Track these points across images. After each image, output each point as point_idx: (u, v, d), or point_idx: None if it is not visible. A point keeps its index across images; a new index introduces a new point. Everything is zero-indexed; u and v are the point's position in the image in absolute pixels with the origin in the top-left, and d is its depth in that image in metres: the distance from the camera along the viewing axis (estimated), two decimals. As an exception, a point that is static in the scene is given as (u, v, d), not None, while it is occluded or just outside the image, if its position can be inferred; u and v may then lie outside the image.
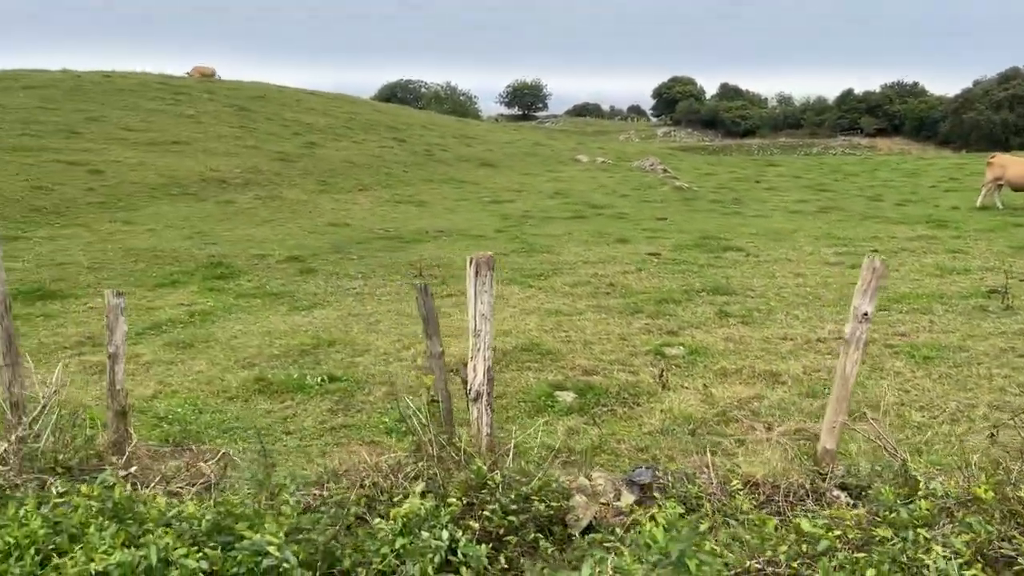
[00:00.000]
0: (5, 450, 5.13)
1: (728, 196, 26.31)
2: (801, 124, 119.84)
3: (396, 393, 7.77)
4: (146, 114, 30.88)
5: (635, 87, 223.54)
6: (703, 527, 3.92)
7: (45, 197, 19.18)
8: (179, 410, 7.20)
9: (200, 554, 3.62)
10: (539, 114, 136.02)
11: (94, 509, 3.98)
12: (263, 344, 9.59)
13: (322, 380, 8.04)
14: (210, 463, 5.28)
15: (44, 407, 5.41)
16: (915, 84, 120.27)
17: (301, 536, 3.82)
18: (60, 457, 4.98)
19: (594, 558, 3.51)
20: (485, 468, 4.68)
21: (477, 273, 5.08)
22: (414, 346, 9.32)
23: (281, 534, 3.68)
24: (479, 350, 5.16)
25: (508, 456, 4.84)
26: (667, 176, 32.16)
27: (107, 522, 3.93)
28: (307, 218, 20.49)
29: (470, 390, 5.25)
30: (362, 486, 4.94)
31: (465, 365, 5.38)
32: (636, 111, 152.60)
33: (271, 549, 3.53)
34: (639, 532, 4.11)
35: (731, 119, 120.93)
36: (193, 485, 4.97)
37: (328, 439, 6.79)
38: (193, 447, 6.14)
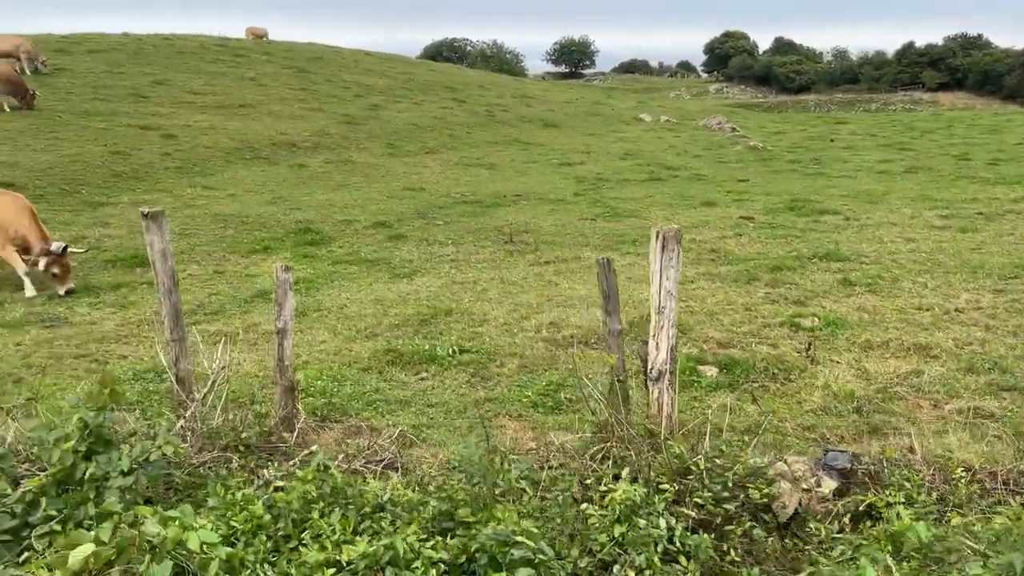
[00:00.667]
0: (182, 427, 5.06)
1: (806, 156, 25.57)
2: (859, 79, 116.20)
3: (528, 366, 7.62)
4: (209, 77, 30.86)
5: (684, 43, 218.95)
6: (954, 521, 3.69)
7: (124, 162, 19.26)
8: (318, 382, 7.10)
9: (439, 544, 3.48)
10: (586, 71, 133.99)
11: (313, 493, 3.86)
12: (377, 313, 9.48)
13: (452, 351, 7.90)
14: (385, 440, 5.15)
15: (213, 383, 5.32)
16: (979, 36, 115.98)
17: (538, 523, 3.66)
18: (243, 435, 4.89)
19: (867, 558, 3.29)
20: (686, 452, 4.49)
21: (664, 247, 4.83)
22: (532, 316, 9.14)
23: (527, 523, 3.52)
24: (663, 328, 4.94)
25: (705, 439, 4.63)
26: (737, 135, 31.40)
27: (327, 507, 3.82)
28: (382, 182, 20.34)
29: (651, 369, 5.03)
30: (549, 467, 4.79)
31: (644, 343, 5.15)
32: (685, 67, 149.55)
33: (521, 538, 3.38)
34: (879, 527, 3.90)
35: (785, 74, 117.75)
36: (379, 463, 4.86)
37: (473, 413, 6.65)
38: (363, 424, 6.03)
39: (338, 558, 3.38)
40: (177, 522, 3.34)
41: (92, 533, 3.21)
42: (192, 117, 24.57)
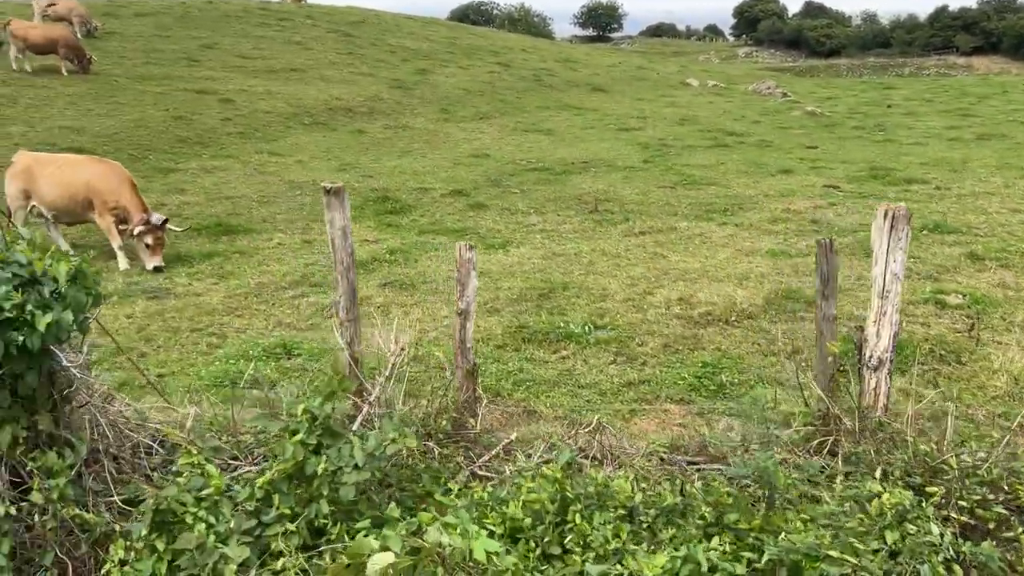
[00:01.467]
0: (367, 413, 4.81)
1: (867, 122, 24.89)
2: (890, 43, 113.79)
3: (671, 345, 7.32)
4: (256, 41, 30.45)
5: (710, 7, 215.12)
6: None
7: (187, 127, 19.01)
8: (462, 361, 6.84)
9: (738, 557, 3.20)
10: (614, 35, 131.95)
11: (570, 494, 3.59)
12: (489, 287, 9.20)
13: (586, 328, 7.62)
14: (584, 432, 4.88)
15: (393, 365, 5.06)
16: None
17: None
18: (442, 422, 4.64)
19: None
20: (934, 448, 4.19)
21: (892, 227, 4.49)
22: (654, 291, 8.83)
23: (823, 533, 3.24)
24: (885, 313, 4.62)
25: (946, 433, 4.32)
26: (789, 100, 30.68)
27: (585, 509, 3.56)
28: (444, 148, 19.98)
29: (869, 357, 4.72)
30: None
31: (860, 328, 4.83)
32: (713, 31, 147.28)
33: (835, 553, 3.10)
34: None
35: (816, 38, 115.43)
36: (586, 456, 4.59)
37: (629, 395, 6.38)
38: (523, 407, 5.78)
39: (626, 572, 3.12)
40: (458, 529, 3.09)
41: (377, 542, 2.96)
42: (245, 82, 24.24)
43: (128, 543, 3.50)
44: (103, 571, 3.46)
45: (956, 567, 3.58)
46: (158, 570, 3.38)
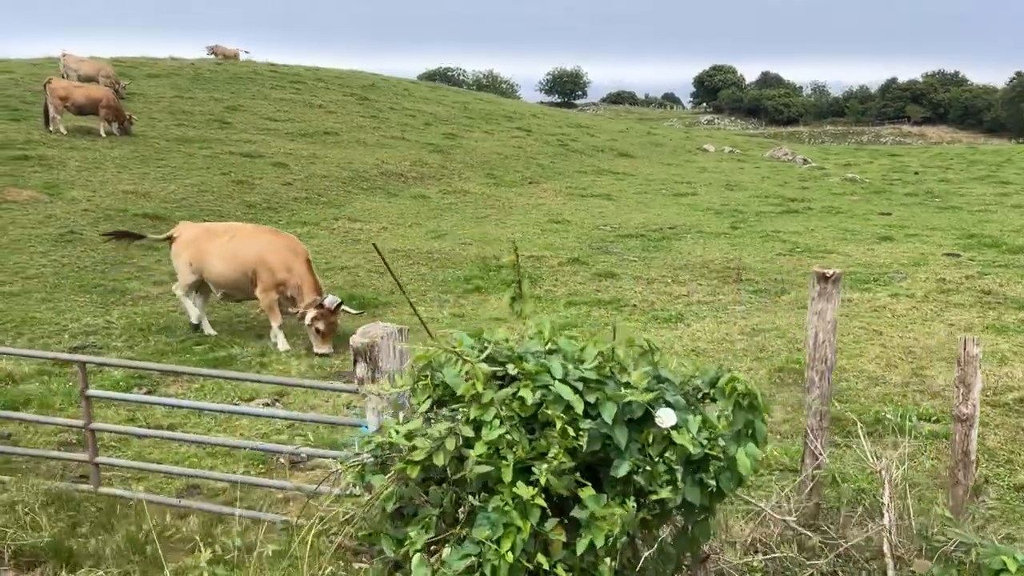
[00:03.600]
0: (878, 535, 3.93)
1: (908, 188, 24.97)
2: (844, 112, 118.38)
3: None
4: (277, 104, 29.58)
5: (664, 76, 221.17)
6: None
7: (250, 192, 17.97)
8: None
9: None
10: (578, 102, 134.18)
11: None
12: (723, 358, 8.38)
13: (904, 417, 6.82)
14: None
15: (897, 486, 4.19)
16: (956, 73, 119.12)
17: None
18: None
19: None
20: None
21: None
22: (930, 372, 8.10)
23: None
24: None
25: None
26: (814, 167, 30.81)
27: None
28: (516, 214, 19.27)
29: None
30: None
31: None
32: (670, 99, 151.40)
33: None
34: None
35: (774, 107, 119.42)
36: None
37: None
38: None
39: None
40: None
41: None
42: (285, 145, 23.32)
43: None
44: None
45: None
46: None
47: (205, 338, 9.70)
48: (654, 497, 2.98)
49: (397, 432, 3.14)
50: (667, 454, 2.99)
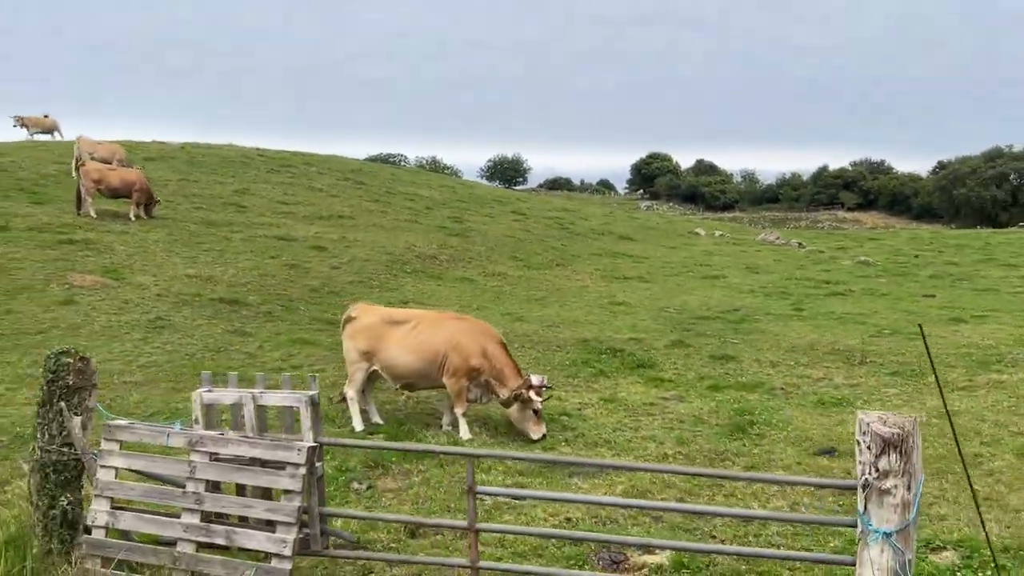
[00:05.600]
0: None
1: (938, 271, 25.53)
2: (778, 199, 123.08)
3: None
4: (281, 187, 28.89)
5: (597, 163, 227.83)
6: None
7: (307, 276, 17.21)
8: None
9: None
10: (518, 188, 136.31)
11: None
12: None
13: None
14: None
15: None
16: (882, 161, 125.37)
17: None
18: None
19: None
20: None
21: None
22: None
23: None
24: None
25: None
26: (814, 251, 31.47)
27: None
28: (572, 296, 18.93)
29: None
30: None
31: None
32: (605, 185, 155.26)
33: None
34: None
35: (711, 193, 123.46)
36: None
37: None
38: None
39: None
40: None
41: None
42: (308, 228, 22.66)
43: None
44: None
45: None
46: None
47: (381, 427, 8.95)
48: None
49: None
50: None
